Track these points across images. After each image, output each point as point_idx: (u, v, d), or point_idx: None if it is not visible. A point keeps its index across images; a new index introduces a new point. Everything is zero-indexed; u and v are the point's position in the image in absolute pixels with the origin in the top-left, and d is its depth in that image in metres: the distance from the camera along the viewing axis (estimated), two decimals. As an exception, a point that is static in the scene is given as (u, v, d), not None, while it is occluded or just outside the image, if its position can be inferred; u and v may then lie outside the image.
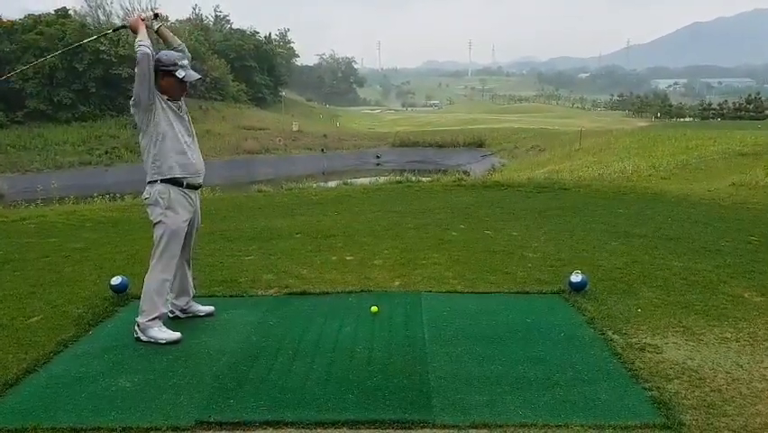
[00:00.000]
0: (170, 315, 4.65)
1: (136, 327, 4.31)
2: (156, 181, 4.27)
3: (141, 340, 4.27)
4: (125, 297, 5.22)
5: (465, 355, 4.00)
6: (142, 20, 4.29)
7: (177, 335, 4.30)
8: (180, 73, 4.25)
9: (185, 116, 4.42)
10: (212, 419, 3.22)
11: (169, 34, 4.47)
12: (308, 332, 4.43)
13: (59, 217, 9.55)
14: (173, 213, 4.29)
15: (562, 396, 3.44)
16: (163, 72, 4.24)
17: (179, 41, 4.47)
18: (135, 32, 4.23)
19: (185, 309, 4.74)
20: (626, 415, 3.22)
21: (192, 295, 4.79)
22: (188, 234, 4.52)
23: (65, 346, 4.23)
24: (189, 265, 4.72)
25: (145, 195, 4.33)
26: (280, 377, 3.70)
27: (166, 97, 4.28)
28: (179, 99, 4.39)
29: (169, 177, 4.27)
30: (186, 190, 4.35)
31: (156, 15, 4.47)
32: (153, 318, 4.28)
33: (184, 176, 4.32)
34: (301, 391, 3.51)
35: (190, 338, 4.33)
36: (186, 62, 4.32)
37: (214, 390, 3.56)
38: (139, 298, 5.06)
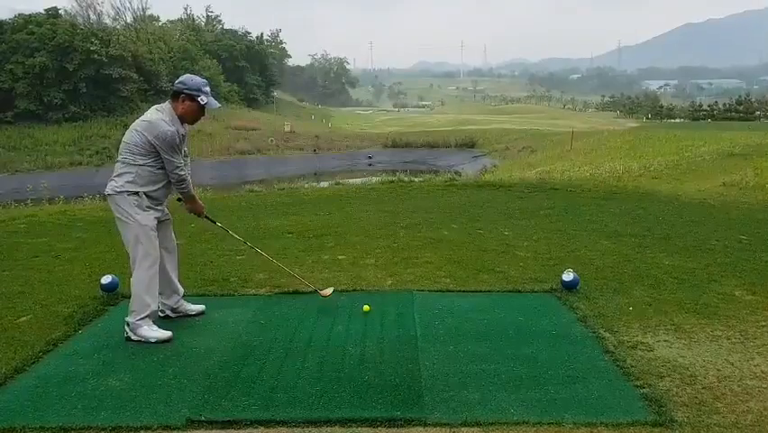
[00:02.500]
0: (161, 314, 4.64)
1: (126, 327, 4.29)
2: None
3: (132, 339, 4.25)
4: (115, 296, 5.19)
5: (457, 354, 4.00)
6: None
7: (167, 334, 4.28)
8: (203, 99, 4.31)
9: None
10: (203, 418, 3.21)
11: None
12: (300, 331, 4.41)
13: (49, 217, 9.48)
14: (143, 212, 4.30)
15: (553, 394, 3.44)
16: (186, 96, 4.27)
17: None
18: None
19: (175, 309, 4.72)
20: (617, 413, 3.23)
21: (182, 294, 4.77)
22: (164, 238, 4.53)
23: (54, 346, 4.21)
24: (174, 268, 4.69)
25: (109, 190, 4.33)
26: (272, 376, 3.69)
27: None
28: (193, 123, 4.46)
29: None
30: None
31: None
32: (143, 317, 4.26)
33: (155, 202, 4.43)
34: (293, 390, 3.50)
35: (181, 337, 4.31)
36: (209, 89, 4.38)
37: (206, 388, 3.54)
38: (129, 297, 5.04)
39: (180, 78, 4.38)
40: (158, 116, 4.27)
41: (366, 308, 4.75)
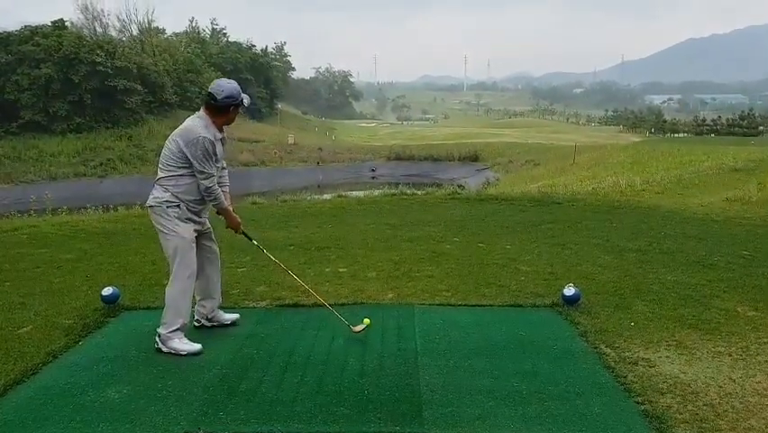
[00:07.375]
0: (196, 324, 4.64)
1: (157, 338, 4.28)
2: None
3: (162, 351, 4.23)
4: (116, 308, 5.18)
5: (457, 368, 3.99)
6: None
7: (198, 346, 4.27)
8: (246, 100, 4.38)
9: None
10: (201, 431, 3.20)
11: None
12: (300, 344, 4.41)
13: (51, 228, 9.49)
14: (183, 223, 4.28)
15: (554, 409, 3.42)
16: (235, 106, 4.31)
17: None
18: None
19: (211, 318, 4.72)
20: (618, 429, 3.21)
21: (218, 303, 4.75)
22: (205, 248, 4.55)
23: (54, 357, 4.20)
24: (215, 276, 4.69)
25: (150, 202, 4.34)
26: (271, 389, 3.68)
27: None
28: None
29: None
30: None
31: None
32: (174, 330, 4.25)
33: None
34: (292, 404, 3.49)
35: (181, 350, 4.30)
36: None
37: (204, 401, 3.53)
38: (129, 309, 5.05)
39: (224, 93, 4.24)
40: (192, 122, 4.26)
41: (366, 321, 4.73)
